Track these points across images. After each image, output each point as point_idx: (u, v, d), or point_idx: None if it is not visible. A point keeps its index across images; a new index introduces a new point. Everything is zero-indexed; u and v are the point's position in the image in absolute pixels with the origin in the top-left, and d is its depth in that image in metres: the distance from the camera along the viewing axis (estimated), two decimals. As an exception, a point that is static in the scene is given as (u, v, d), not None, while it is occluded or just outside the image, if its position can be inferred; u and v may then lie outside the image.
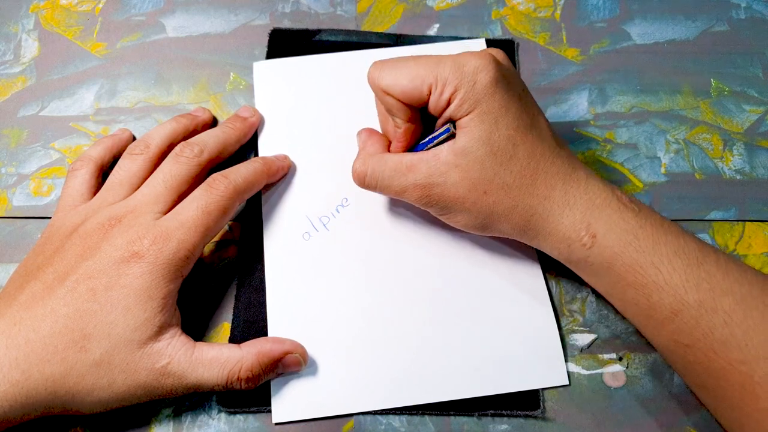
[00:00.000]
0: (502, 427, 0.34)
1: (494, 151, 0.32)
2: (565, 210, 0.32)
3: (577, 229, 0.32)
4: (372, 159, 0.35)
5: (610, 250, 0.31)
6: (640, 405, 0.34)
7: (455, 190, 0.33)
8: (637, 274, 0.30)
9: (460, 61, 0.32)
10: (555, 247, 0.33)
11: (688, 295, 0.29)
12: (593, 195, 0.32)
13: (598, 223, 0.31)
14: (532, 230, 0.33)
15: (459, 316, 0.36)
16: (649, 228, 0.31)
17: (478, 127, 0.32)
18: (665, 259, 0.30)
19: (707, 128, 0.42)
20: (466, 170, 0.32)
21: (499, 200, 0.32)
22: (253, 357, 0.32)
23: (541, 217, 0.32)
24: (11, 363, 0.29)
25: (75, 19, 0.46)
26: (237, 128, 0.39)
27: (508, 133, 0.32)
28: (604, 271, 0.32)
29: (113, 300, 0.31)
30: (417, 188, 0.33)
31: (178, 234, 0.32)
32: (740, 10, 0.46)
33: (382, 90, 0.33)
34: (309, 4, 0.46)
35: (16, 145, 0.41)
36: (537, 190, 0.32)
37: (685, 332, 0.29)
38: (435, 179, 0.33)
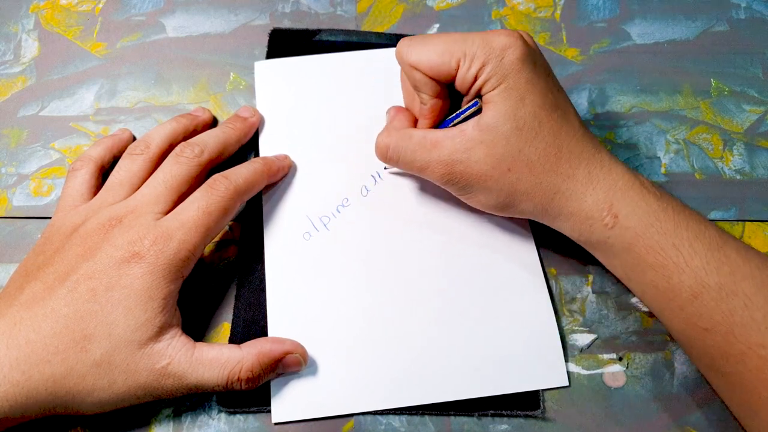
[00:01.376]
0: (502, 427, 0.34)
1: (519, 127, 0.32)
2: (588, 189, 0.32)
3: (599, 209, 0.32)
4: (397, 133, 0.35)
5: (632, 231, 0.31)
6: (640, 405, 0.34)
7: (479, 167, 0.33)
8: (658, 255, 0.31)
9: (489, 38, 0.32)
10: (576, 228, 0.33)
11: (709, 278, 0.29)
12: (616, 177, 0.32)
13: (621, 204, 0.31)
14: (554, 209, 0.33)
15: (459, 316, 0.36)
16: (670, 211, 0.31)
17: (504, 103, 0.32)
18: (686, 241, 0.30)
19: (707, 128, 0.42)
20: (491, 146, 0.32)
21: (522, 178, 0.32)
22: (254, 357, 0.32)
23: (564, 196, 0.32)
24: (12, 363, 0.29)
25: (75, 19, 0.46)
26: (237, 128, 0.39)
27: (534, 110, 0.32)
28: (625, 252, 0.32)
29: (114, 300, 0.31)
30: (440, 165, 0.33)
31: (179, 234, 0.32)
32: (740, 10, 0.46)
33: (410, 65, 0.34)
34: (309, 4, 0.46)
35: (16, 145, 0.41)
36: (560, 168, 0.32)
37: (704, 315, 0.30)
38: (459, 156, 0.33)
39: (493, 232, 0.38)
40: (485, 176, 0.33)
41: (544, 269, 0.38)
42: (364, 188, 0.39)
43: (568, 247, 0.38)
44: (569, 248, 0.38)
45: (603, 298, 0.37)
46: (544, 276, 0.37)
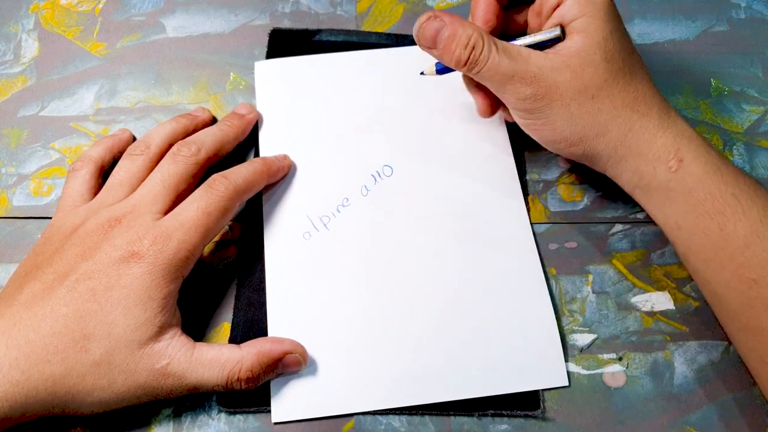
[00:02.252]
0: (502, 427, 0.34)
1: (608, 58, 0.33)
2: (659, 131, 0.33)
3: (666, 150, 0.33)
4: (483, 33, 0.33)
5: (695, 176, 0.32)
6: (640, 405, 0.34)
7: (564, 89, 0.33)
8: (716, 202, 0.31)
9: None
10: (638, 170, 0.33)
11: (765, 229, 0.30)
12: (684, 127, 0.33)
13: (687, 150, 0.32)
14: (625, 148, 0.33)
15: (459, 316, 0.36)
16: (731, 167, 0.33)
17: (596, 32, 0.33)
18: (745, 193, 0.31)
19: (707, 128, 0.42)
20: (579, 71, 0.33)
21: (603, 108, 0.33)
22: (253, 357, 0.32)
23: (637, 135, 0.33)
24: (11, 363, 0.29)
25: (75, 19, 0.46)
26: (234, 126, 0.39)
27: (620, 47, 0.33)
28: (683, 197, 0.32)
29: (113, 300, 0.31)
30: (527, 76, 0.33)
31: (178, 234, 0.32)
32: (740, 10, 0.46)
33: None
34: (309, 4, 0.46)
35: (16, 145, 0.41)
36: (638, 106, 0.33)
37: (755, 265, 0.30)
38: (546, 72, 0.33)
39: (494, 232, 0.38)
40: (569, 100, 0.33)
41: (544, 269, 0.38)
42: (364, 188, 0.39)
43: (568, 247, 0.38)
44: (569, 248, 0.38)
45: (603, 298, 0.37)
46: (544, 276, 0.37)
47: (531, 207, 0.39)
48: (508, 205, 0.39)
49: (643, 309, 0.37)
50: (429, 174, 0.40)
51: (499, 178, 0.40)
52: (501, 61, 0.33)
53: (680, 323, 0.36)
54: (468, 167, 0.40)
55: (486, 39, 0.33)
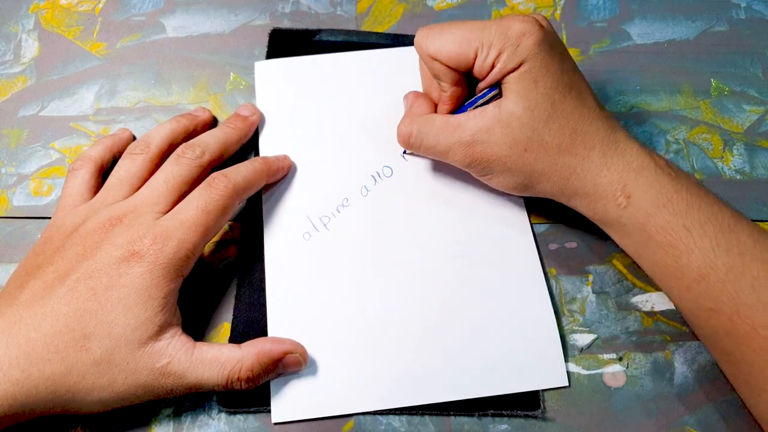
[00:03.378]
0: (502, 427, 0.34)
1: (532, 107, 0.33)
2: (602, 170, 0.33)
3: (613, 189, 0.33)
4: (419, 119, 0.36)
5: (644, 211, 0.32)
6: (640, 405, 0.34)
7: (498, 148, 0.34)
8: (668, 236, 0.31)
9: (505, 25, 0.33)
10: (590, 207, 0.34)
11: (718, 259, 0.30)
12: (630, 158, 0.33)
13: (634, 185, 0.32)
14: (570, 190, 0.34)
15: (459, 316, 0.36)
16: (684, 192, 0.32)
17: (517, 85, 0.33)
18: (697, 223, 0.31)
19: (707, 128, 0.42)
20: (507, 127, 0.33)
21: (539, 158, 0.33)
22: (253, 357, 0.32)
23: (579, 177, 0.33)
24: (11, 362, 0.29)
25: (75, 19, 0.46)
26: (238, 128, 0.39)
27: (547, 91, 0.33)
28: (636, 231, 0.32)
29: (113, 299, 0.31)
30: (462, 147, 0.34)
31: (178, 233, 0.32)
32: (740, 10, 0.46)
33: (429, 56, 0.35)
34: (309, 4, 0.46)
35: (16, 145, 0.41)
36: (576, 149, 0.33)
37: (711, 296, 0.30)
38: (480, 136, 0.34)
39: (494, 232, 0.38)
40: (504, 157, 0.34)
41: (544, 269, 0.38)
42: (364, 188, 0.39)
43: (568, 247, 0.38)
44: (569, 248, 0.38)
45: (603, 298, 0.37)
46: (544, 276, 0.37)
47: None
48: (508, 206, 0.39)
49: (643, 309, 0.37)
50: (429, 174, 0.40)
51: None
52: (437, 140, 0.35)
53: (680, 323, 0.36)
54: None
55: (418, 127, 0.36)
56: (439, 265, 0.37)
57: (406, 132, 0.36)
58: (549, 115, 0.33)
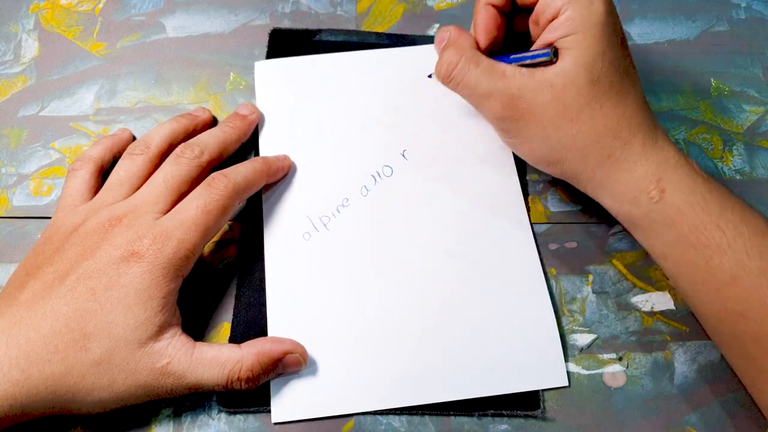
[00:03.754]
0: (502, 427, 0.34)
1: (593, 81, 0.32)
2: (641, 160, 0.32)
3: (647, 181, 0.32)
4: (468, 51, 0.34)
5: (677, 207, 0.31)
6: (640, 405, 0.34)
7: (542, 110, 0.32)
8: (701, 235, 0.30)
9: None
10: (619, 198, 0.33)
11: (751, 262, 0.29)
12: (668, 154, 0.32)
13: (669, 180, 0.31)
14: (603, 174, 0.33)
15: (459, 316, 0.36)
16: (717, 193, 0.31)
17: (584, 53, 0.32)
18: (731, 224, 0.30)
19: (707, 128, 0.42)
20: (561, 92, 0.32)
21: (582, 131, 0.32)
22: (253, 357, 0.32)
23: (617, 162, 0.32)
24: (11, 362, 0.29)
25: (75, 19, 0.46)
26: (237, 127, 0.39)
27: (609, 69, 0.32)
28: (666, 228, 0.31)
29: (113, 299, 0.31)
30: (504, 96, 0.32)
31: (178, 233, 0.32)
32: (740, 10, 0.46)
33: None
34: (309, 4, 0.46)
35: (16, 145, 0.41)
36: (621, 133, 0.32)
37: (741, 299, 0.29)
38: (526, 93, 0.32)
39: (494, 232, 0.38)
40: (546, 121, 0.32)
41: (544, 269, 0.38)
42: (364, 188, 0.39)
43: (568, 247, 0.38)
44: (569, 248, 0.38)
45: (603, 298, 0.37)
46: (544, 276, 0.37)
47: (531, 207, 0.39)
48: (508, 205, 0.39)
49: (643, 309, 0.37)
50: (429, 174, 0.40)
51: (499, 178, 0.40)
52: (479, 80, 0.33)
53: (680, 323, 0.36)
54: (468, 167, 0.40)
55: (465, 58, 0.33)
56: (439, 265, 0.37)
57: (452, 61, 0.33)
58: (605, 91, 0.32)
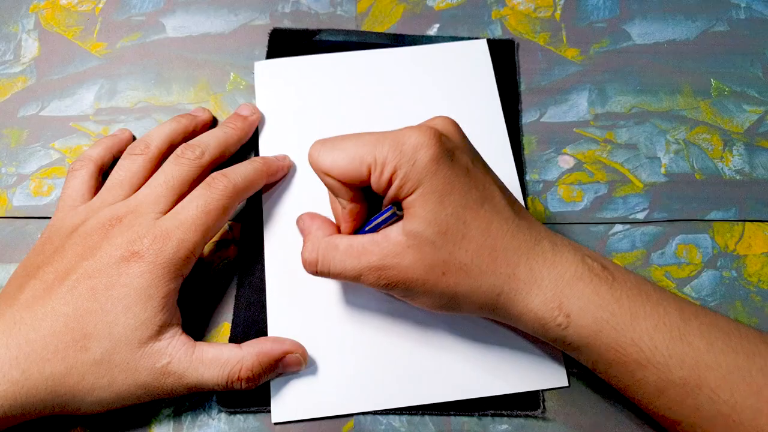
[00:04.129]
0: (502, 427, 0.34)
1: (443, 231, 0.30)
2: (533, 288, 0.30)
3: (549, 308, 0.30)
4: (321, 243, 0.33)
5: (587, 329, 0.29)
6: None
7: (412, 271, 0.30)
8: (618, 354, 0.29)
9: (400, 139, 0.30)
10: (529, 327, 0.31)
11: (672, 374, 0.28)
12: (562, 269, 0.30)
13: (571, 301, 0.30)
14: (502, 310, 0.31)
15: (459, 315, 0.36)
16: (625, 301, 0.30)
17: (423, 208, 0.30)
18: (645, 335, 0.29)
19: (707, 128, 0.42)
20: (419, 252, 0.30)
21: (459, 281, 0.30)
22: (254, 357, 0.32)
23: (508, 297, 0.30)
24: (11, 362, 0.29)
25: (75, 19, 0.46)
26: (238, 128, 0.39)
27: (456, 210, 0.30)
28: (585, 348, 0.30)
29: (113, 299, 0.31)
30: (373, 270, 0.31)
31: (178, 233, 0.32)
32: (740, 10, 0.46)
33: (322, 171, 0.31)
34: (309, 4, 0.46)
35: (16, 145, 0.41)
36: (498, 268, 0.30)
37: (672, 409, 0.29)
38: (389, 261, 0.30)
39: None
40: (421, 280, 0.30)
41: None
42: (364, 188, 0.39)
43: (568, 247, 0.38)
44: (569, 248, 0.38)
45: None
46: (544, 276, 0.37)
47: (531, 207, 0.39)
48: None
49: (643, 309, 0.37)
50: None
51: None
52: (344, 265, 0.32)
53: (680, 323, 0.36)
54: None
55: (322, 250, 0.32)
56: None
57: (311, 259, 0.32)
58: (463, 235, 0.30)
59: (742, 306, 0.37)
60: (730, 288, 0.37)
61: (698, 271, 0.38)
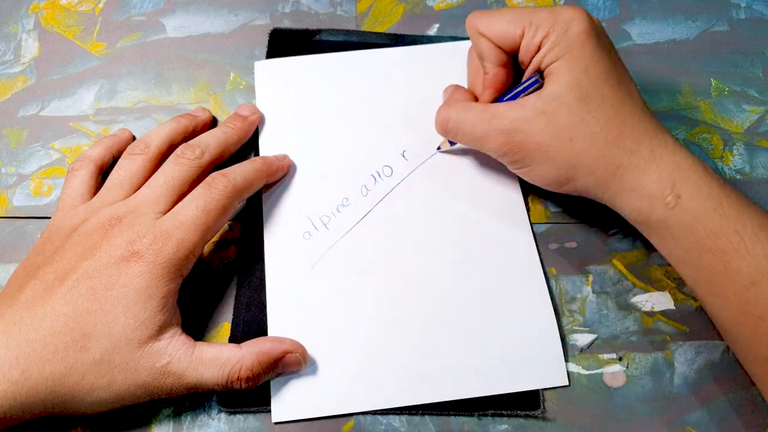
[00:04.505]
0: (502, 427, 0.34)
1: (582, 97, 0.32)
2: (651, 166, 0.32)
3: (662, 187, 0.32)
4: (457, 105, 0.36)
5: (693, 212, 0.31)
6: (640, 405, 0.34)
7: (540, 137, 0.33)
8: (719, 240, 0.30)
9: (556, 10, 0.33)
10: (635, 207, 0.33)
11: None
12: (680, 158, 0.32)
13: (684, 185, 0.31)
14: (616, 185, 0.33)
15: (459, 315, 0.36)
16: (734, 198, 0.31)
17: (567, 73, 0.32)
18: (749, 229, 0.30)
19: (707, 128, 0.42)
20: (553, 115, 0.33)
21: (585, 149, 0.32)
22: (254, 356, 0.32)
23: (627, 171, 0.32)
24: (11, 362, 0.29)
25: (75, 19, 0.46)
26: (238, 128, 0.39)
27: (597, 82, 0.32)
28: (684, 234, 0.31)
29: (113, 299, 0.31)
30: (500, 134, 0.34)
31: (178, 233, 0.32)
32: (740, 10, 0.46)
33: (478, 32, 0.35)
34: (309, 4, 0.46)
35: (16, 145, 0.41)
36: (624, 142, 0.32)
37: (760, 303, 0.30)
38: (519, 125, 0.33)
39: (494, 232, 0.38)
40: (546, 146, 0.33)
41: (545, 269, 0.38)
42: (364, 188, 0.39)
43: (568, 247, 0.38)
44: (569, 248, 0.38)
45: (603, 298, 0.37)
46: (544, 276, 0.37)
47: (531, 207, 0.39)
48: (508, 205, 0.39)
49: (643, 309, 0.37)
50: (429, 174, 0.40)
51: (499, 178, 0.40)
52: (474, 126, 0.35)
53: (680, 323, 0.36)
54: (468, 167, 0.40)
55: (456, 110, 0.36)
56: (439, 265, 0.37)
57: (444, 117, 0.36)
58: (599, 105, 0.32)
59: (742, 306, 0.37)
60: (730, 288, 0.37)
61: (698, 271, 0.38)
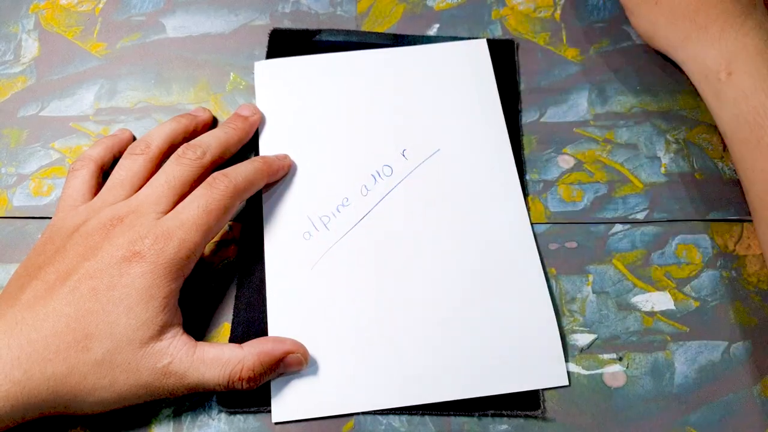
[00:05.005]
0: (502, 427, 0.34)
1: None
2: (714, 44, 0.36)
3: (717, 62, 0.36)
4: None
5: (741, 88, 0.35)
6: (640, 405, 0.34)
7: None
8: (758, 116, 0.34)
9: None
10: (695, 73, 0.38)
11: None
12: (749, 41, 0.35)
13: (740, 65, 0.35)
14: (684, 52, 0.38)
15: (459, 315, 0.36)
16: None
17: None
18: None
19: (707, 128, 0.42)
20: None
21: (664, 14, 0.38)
22: (255, 357, 0.32)
23: (693, 43, 0.37)
24: (13, 362, 0.29)
25: (75, 19, 0.46)
26: (239, 128, 0.39)
27: None
28: (729, 106, 0.35)
29: (115, 299, 0.31)
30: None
31: (179, 233, 0.32)
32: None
33: None
34: (309, 4, 0.46)
35: (16, 145, 0.41)
36: (698, 17, 0.37)
37: None
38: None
39: (494, 232, 0.38)
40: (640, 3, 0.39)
41: (545, 269, 0.38)
42: (364, 188, 0.39)
43: (568, 247, 0.38)
44: (569, 248, 0.38)
45: (603, 298, 0.37)
46: (544, 276, 0.37)
47: (531, 207, 0.39)
48: (508, 205, 0.39)
49: (643, 309, 0.37)
50: (429, 174, 0.40)
51: (499, 178, 0.40)
52: None
53: (680, 323, 0.36)
54: (468, 167, 0.40)
55: None
56: (438, 265, 0.37)
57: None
58: None
59: (742, 306, 0.37)
60: (729, 288, 0.37)
61: (698, 271, 0.38)
